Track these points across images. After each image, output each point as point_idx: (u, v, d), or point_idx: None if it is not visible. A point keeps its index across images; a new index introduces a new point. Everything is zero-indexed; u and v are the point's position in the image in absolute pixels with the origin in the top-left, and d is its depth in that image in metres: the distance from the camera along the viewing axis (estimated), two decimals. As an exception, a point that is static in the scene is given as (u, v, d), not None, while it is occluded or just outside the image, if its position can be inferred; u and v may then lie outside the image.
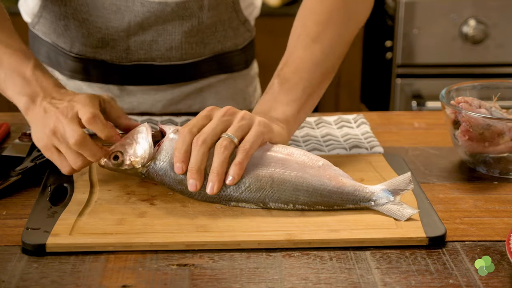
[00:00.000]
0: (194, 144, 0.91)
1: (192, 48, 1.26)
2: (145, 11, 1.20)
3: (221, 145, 0.90)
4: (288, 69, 1.05)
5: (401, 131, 1.22)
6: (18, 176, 0.99)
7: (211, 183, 0.90)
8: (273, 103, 1.03)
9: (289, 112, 1.02)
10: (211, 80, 1.32)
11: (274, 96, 1.03)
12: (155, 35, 1.23)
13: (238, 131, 0.92)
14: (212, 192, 0.90)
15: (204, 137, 0.91)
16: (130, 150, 0.94)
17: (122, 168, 0.95)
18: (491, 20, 2.27)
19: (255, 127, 0.93)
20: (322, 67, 1.06)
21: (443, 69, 2.34)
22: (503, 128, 1.01)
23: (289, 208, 0.91)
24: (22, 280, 0.78)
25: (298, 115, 1.03)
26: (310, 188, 0.91)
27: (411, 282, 0.79)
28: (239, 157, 0.91)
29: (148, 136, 0.94)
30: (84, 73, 1.28)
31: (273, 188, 0.91)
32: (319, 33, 1.06)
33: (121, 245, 0.84)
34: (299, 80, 1.04)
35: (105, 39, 1.23)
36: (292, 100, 1.03)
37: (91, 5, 1.20)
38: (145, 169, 0.94)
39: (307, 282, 0.78)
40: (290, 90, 1.03)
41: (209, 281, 0.78)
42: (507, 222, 0.91)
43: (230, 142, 0.91)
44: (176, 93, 1.31)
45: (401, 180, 0.92)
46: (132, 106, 1.30)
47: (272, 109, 1.02)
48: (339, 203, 0.91)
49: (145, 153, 0.93)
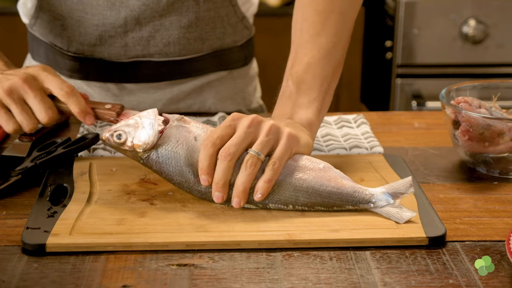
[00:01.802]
0: (221, 158, 0.89)
1: (190, 44, 1.26)
2: (140, 5, 1.20)
3: (249, 163, 0.89)
4: (299, 67, 1.03)
5: (401, 131, 1.22)
6: (18, 176, 0.99)
7: (237, 198, 0.89)
8: (293, 108, 1.01)
9: (311, 114, 1.01)
10: (210, 78, 1.32)
11: (292, 99, 1.02)
12: (152, 30, 1.23)
13: (265, 147, 0.90)
14: (238, 206, 0.90)
15: (231, 152, 0.89)
16: (134, 132, 0.93)
17: (122, 148, 0.94)
18: (491, 20, 2.27)
19: (284, 141, 0.91)
20: (332, 59, 1.04)
21: (443, 69, 2.34)
22: (503, 128, 1.01)
23: (289, 209, 0.91)
24: (22, 280, 0.79)
25: (319, 115, 1.02)
26: (310, 189, 0.91)
27: (411, 282, 0.79)
28: (269, 174, 0.89)
29: (155, 123, 0.93)
30: (83, 72, 1.28)
31: (273, 189, 0.91)
32: (323, 23, 1.04)
33: (121, 245, 0.84)
34: (313, 78, 1.02)
35: (102, 36, 1.23)
36: (311, 100, 1.01)
37: (86, 3, 1.21)
38: (146, 155, 0.93)
39: (307, 282, 0.78)
40: (307, 90, 1.02)
41: (209, 281, 0.78)
42: (507, 222, 0.91)
43: (258, 159, 0.90)
44: (176, 91, 1.31)
45: (402, 184, 0.91)
46: (132, 105, 1.30)
47: (293, 113, 1.00)
48: (338, 204, 0.91)
49: (149, 139, 0.92)
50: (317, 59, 1.03)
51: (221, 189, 0.89)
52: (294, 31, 1.07)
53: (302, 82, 1.02)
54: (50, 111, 1.02)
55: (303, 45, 1.04)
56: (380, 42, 2.44)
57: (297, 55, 1.04)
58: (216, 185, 0.89)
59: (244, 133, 0.90)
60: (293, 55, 1.05)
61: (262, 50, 1.73)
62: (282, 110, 1.01)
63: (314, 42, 1.04)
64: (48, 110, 1.02)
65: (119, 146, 0.94)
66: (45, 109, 1.01)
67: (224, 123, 0.92)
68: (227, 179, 0.90)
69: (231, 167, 0.89)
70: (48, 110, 1.02)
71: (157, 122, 0.93)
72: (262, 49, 1.64)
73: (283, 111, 1.01)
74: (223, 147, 0.89)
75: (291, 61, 1.05)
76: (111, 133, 0.94)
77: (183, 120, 0.94)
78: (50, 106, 1.02)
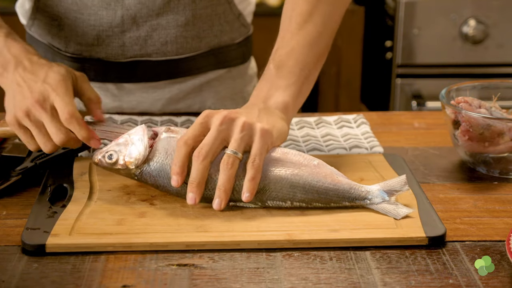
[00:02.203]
0: (195, 158, 0.90)
1: (187, 42, 1.26)
2: (136, 3, 1.20)
3: (227, 163, 0.90)
4: (282, 51, 1.04)
5: (401, 131, 1.22)
6: (18, 176, 0.99)
7: (218, 199, 0.90)
8: (270, 89, 1.02)
9: (288, 97, 1.01)
10: (209, 77, 1.32)
11: (271, 81, 1.02)
12: (150, 30, 1.23)
13: (240, 145, 0.91)
14: (219, 208, 0.90)
15: (205, 151, 0.90)
16: (124, 150, 0.94)
17: (115, 168, 0.94)
18: (491, 20, 2.27)
19: (258, 138, 0.92)
20: (316, 47, 1.05)
21: (443, 69, 2.34)
22: (503, 128, 1.01)
23: (287, 205, 0.91)
24: (22, 280, 0.78)
25: (296, 100, 1.03)
26: (307, 185, 0.91)
27: (411, 282, 0.79)
28: (251, 173, 0.90)
29: (144, 138, 0.94)
30: (82, 72, 1.28)
31: (270, 186, 0.91)
32: (311, 12, 1.05)
33: (121, 245, 0.84)
34: (295, 63, 1.03)
35: (100, 36, 1.23)
36: (290, 84, 1.02)
37: (81, 3, 1.21)
38: (139, 170, 0.94)
39: (307, 282, 0.78)
40: (287, 74, 1.02)
41: (209, 281, 0.78)
42: (507, 222, 0.91)
43: (235, 158, 0.90)
44: (175, 91, 1.30)
45: (396, 182, 0.93)
46: (131, 105, 1.30)
47: (270, 95, 1.01)
48: (335, 200, 0.91)
49: (140, 154, 0.93)
50: (301, 45, 1.04)
51: (195, 189, 0.90)
52: (283, 19, 1.08)
53: (283, 65, 1.03)
54: (60, 134, 0.97)
55: (290, 31, 1.05)
56: (380, 42, 2.44)
57: (283, 40, 1.05)
58: (191, 185, 0.90)
59: (216, 132, 0.91)
60: (279, 40, 1.06)
61: (262, 49, 1.72)
62: (259, 92, 1.02)
63: (301, 29, 1.05)
64: (58, 132, 0.97)
65: (112, 166, 0.94)
66: (56, 131, 0.97)
67: (197, 121, 0.93)
68: (201, 180, 0.90)
69: (206, 167, 0.90)
70: (58, 132, 0.97)
71: (146, 137, 0.94)
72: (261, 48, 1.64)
73: (260, 93, 1.02)
74: (197, 148, 0.91)
75: (276, 45, 1.06)
76: (102, 154, 0.95)
77: (171, 131, 0.95)
78: (60, 129, 0.98)
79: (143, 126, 0.96)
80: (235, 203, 0.92)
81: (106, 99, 1.30)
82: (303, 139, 1.16)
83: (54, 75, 1.00)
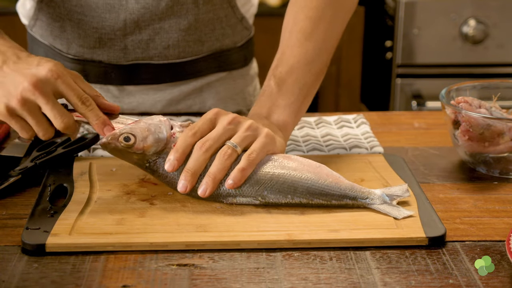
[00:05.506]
0: (197, 148, 0.91)
1: (189, 46, 1.26)
2: (140, 8, 1.20)
3: (224, 153, 0.91)
4: (282, 68, 1.06)
5: (401, 131, 1.22)
6: (18, 176, 0.99)
7: (205, 186, 0.90)
8: (271, 107, 1.04)
9: (287, 117, 1.03)
10: (210, 79, 1.32)
11: (272, 99, 1.04)
12: (152, 33, 1.23)
13: (243, 141, 0.93)
14: (203, 195, 0.90)
15: (209, 144, 0.91)
16: (142, 135, 0.92)
17: (129, 151, 0.93)
18: (491, 20, 2.27)
19: (261, 138, 0.94)
20: (315, 66, 1.07)
21: (443, 69, 2.34)
22: (503, 128, 1.01)
23: (287, 200, 0.91)
24: (22, 280, 0.78)
25: (295, 119, 1.05)
26: (309, 181, 0.91)
27: (411, 282, 0.79)
28: (243, 163, 0.91)
29: (166, 127, 0.94)
30: (82, 74, 1.27)
31: (271, 181, 0.91)
32: (312, 30, 1.07)
33: (121, 245, 0.84)
34: (295, 82, 1.05)
35: (101, 39, 1.23)
36: (289, 104, 1.04)
37: (85, 5, 1.20)
38: (154, 158, 0.93)
39: (307, 282, 0.78)
40: (286, 93, 1.04)
41: (209, 281, 0.78)
42: (507, 222, 0.91)
43: (234, 151, 0.91)
44: (176, 92, 1.30)
45: (398, 189, 0.93)
46: (131, 106, 1.30)
47: (271, 113, 1.03)
48: (337, 197, 0.91)
49: (161, 141, 0.93)
50: (302, 64, 1.06)
51: (189, 177, 0.90)
52: (283, 33, 1.10)
53: (283, 83, 1.05)
54: (65, 118, 0.93)
55: (291, 48, 1.07)
56: (380, 42, 2.44)
57: (283, 56, 1.07)
58: (185, 173, 0.90)
59: (223, 129, 0.93)
60: (279, 56, 1.08)
61: (262, 50, 1.73)
62: (260, 108, 1.04)
63: (301, 47, 1.06)
64: (63, 116, 0.93)
65: (126, 149, 0.93)
66: (60, 115, 0.92)
67: (206, 117, 0.94)
68: (197, 170, 0.90)
69: (205, 160, 0.91)
70: (63, 116, 0.93)
71: (168, 126, 0.94)
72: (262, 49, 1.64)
73: (261, 110, 1.04)
74: (200, 139, 0.91)
75: (276, 60, 1.08)
76: (115, 136, 0.93)
77: (185, 126, 0.95)
78: (64, 112, 0.93)
79: (161, 117, 0.95)
80: (234, 199, 0.92)
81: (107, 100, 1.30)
82: (303, 139, 1.16)
83: (48, 62, 0.95)
